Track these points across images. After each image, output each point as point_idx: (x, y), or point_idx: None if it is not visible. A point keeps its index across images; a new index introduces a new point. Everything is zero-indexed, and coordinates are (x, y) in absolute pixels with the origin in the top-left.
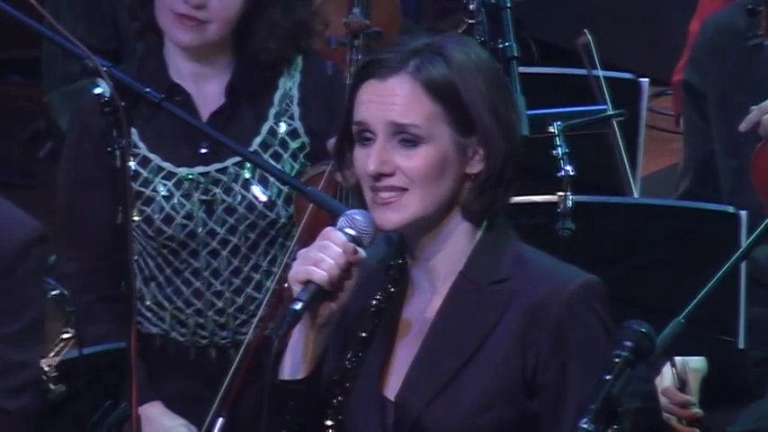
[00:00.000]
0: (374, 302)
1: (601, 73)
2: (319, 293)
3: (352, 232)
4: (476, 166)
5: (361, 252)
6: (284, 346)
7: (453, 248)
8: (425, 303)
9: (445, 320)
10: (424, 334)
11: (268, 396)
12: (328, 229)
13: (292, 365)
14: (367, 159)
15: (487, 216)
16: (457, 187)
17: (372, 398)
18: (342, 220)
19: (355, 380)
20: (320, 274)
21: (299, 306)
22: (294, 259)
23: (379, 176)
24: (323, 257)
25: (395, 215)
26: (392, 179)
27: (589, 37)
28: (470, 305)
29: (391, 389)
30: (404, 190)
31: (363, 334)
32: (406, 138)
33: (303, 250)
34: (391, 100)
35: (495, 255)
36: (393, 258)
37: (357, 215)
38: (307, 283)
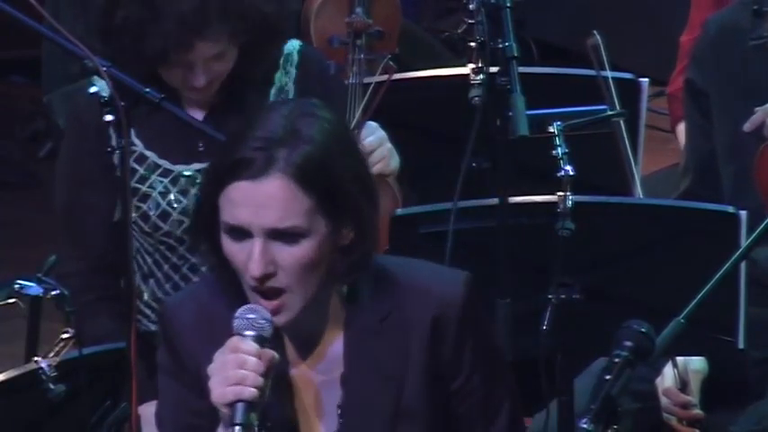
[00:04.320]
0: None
1: (609, 74)
2: (251, 408)
3: (254, 333)
4: (347, 238)
5: (275, 354)
6: None
7: (330, 307)
8: (315, 363)
9: (355, 375)
10: (333, 393)
11: None
12: (234, 339)
13: None
14: (246, 257)
15: (361, 274)
16: (331, 263)
17: None
18: (238, 323)
19: None
20: (250, 392)
21: (240, 430)
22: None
23: (263, 279)
24: (245, 374)
25: (282, 317)
26: (275, 279)
27: (598, 38)
28: (371, 352)
29: None
30: (283, 291)
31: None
32: (287, 238)
33: (216, 366)
34: (268, 203)
35: (369, 295)
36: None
37: (250, 314)
38: (234, 402)
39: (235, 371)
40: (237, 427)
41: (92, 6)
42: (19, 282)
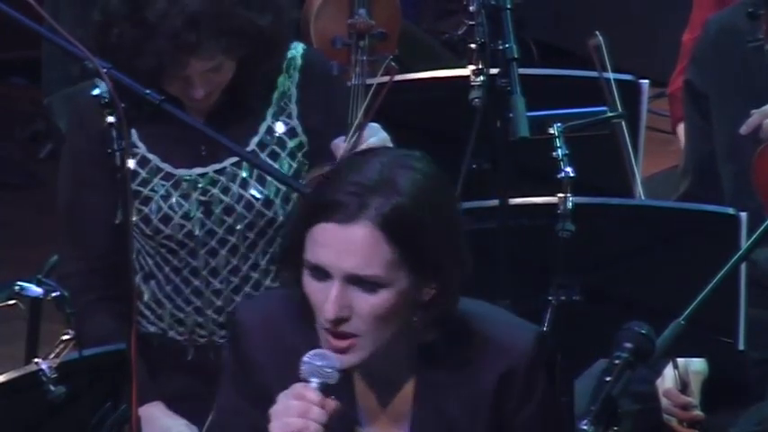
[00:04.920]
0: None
1: (611, 75)
2: None
3: (319, 380)
4: (428, 294)
5: (337, 404)
6: None
7: (401, 354)
8: (380, 411)
9: (422, 421)
10: None
11: None
12: (299, 386)
13: None
14: (324, 297)
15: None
16: (408, 315)
17: None
18: (306, 368)
19: None
20: None
21: None
22: None
23: (336, 321)
24: (307, 424)
25: (352, 357)
26: (348, 324)
27: (600, 39)
28: (441, 406)
29: None
30: (355, 336)
31: None
32: (366, 285)
33: (279, 409)
34: (352, 249)
35: (443, 344)
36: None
37: (317, 360)
38: None
39: (297, 419)
40: None
41: (90, 17)
42: (19, 283)
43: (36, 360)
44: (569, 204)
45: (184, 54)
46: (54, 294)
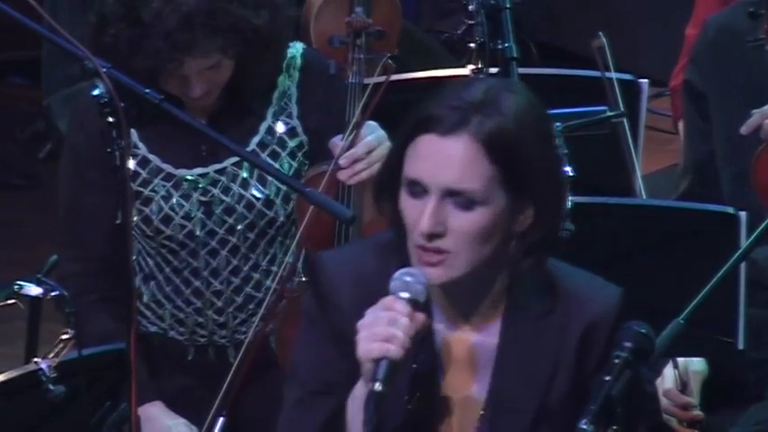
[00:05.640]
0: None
1: (614, 75)
2: (395, 368)
3: (410, 296)
4: (524, 224)
5: (426, 317)
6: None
7: (491, 294)
8: (464, 348)
9: (506, 365)
10: (480, 379)
11: None
12: (390, 298)
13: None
14: (419, 213)
15: (536, 271)
16: (503, 245)
17: None
18: (395, 284)
19: (426, 428)
20: (396, 351)
21: (381, 388)
22: (297, 261)
23: (431, 236)
24: (395, 333)
25: (442, 272)
26: (442, 241)
27: (604, 40)
28: (526, 345)
29: None
30: (449, 253)
31: (414, 371)
32: (462, 201)
33: (367, 321)
34: (450, 162)
35: (530, 287)
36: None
37: (408, 277)
38: (379, 359)
39: (385, 328)
40: (378, 384)
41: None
42: (19, 282)
43: (35, 359)
44: (569, 204)
45: (180, 53)
46: (54, 294)
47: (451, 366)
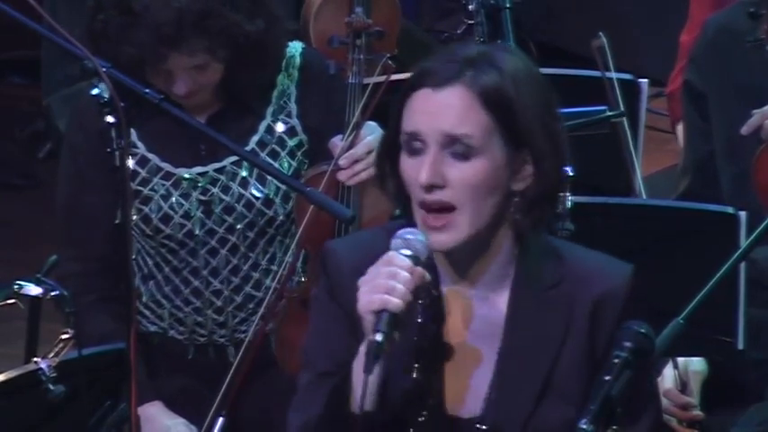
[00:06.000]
0: (417, 316)
1: (614, 75)
2: (395, 322)
3: (411, 253)
4: (523, 182)
5: (427, 275)
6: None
7: (498, 262)
8: (470, 318)
9: (515, 333)
10: (488, 349)
11: (346, 427)
12: (391, 254)
13: (369, 396)
14: (419, 169)
15: (537, 231)
16: (504, 203)
17: (441, 418)
18: (396, 242)
19: (432, 396)
20: (396, 303)
21: (381, 338)
22: (297, 260)
23: (430, 188)
24: (394, 285)
25: (447, 236)
26: (442, 192)
27: (604, 40)
28: (535, 315)
29: (459, 407)
30: (452, 209)
31: (421, 341)
32: (459, 150)
33: (367, 277)
34: (446, 110)
35: (538, 260)
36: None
37: (409, 234)
38: (380, 312)
39: (385, 280)
40: (379, 335)
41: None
42: (18, 282)
43: (35, 359)
44: (568, 204)
45: (166, 47)
46: (53, 294)
47: (459, 335)
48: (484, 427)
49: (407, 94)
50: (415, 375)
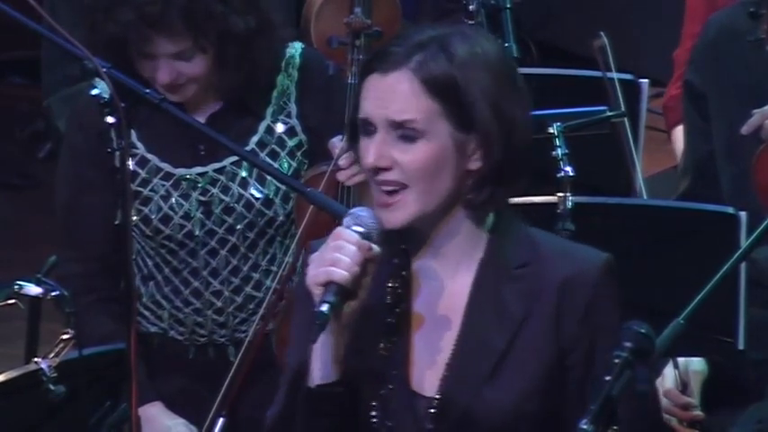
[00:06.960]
0: (386, 296)
1: (615, 75)
2: (342, 293)
3: (361, 229)
4: (476, 163)
5: (375, 248)
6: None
7: (462, 240)
8: (437, 296)
9: (476, 310)
10: (451, 326)
11: (305, 405)
12: (339, 229)
13: (323, 369)
14: (367, 152)
15: (490, 209)
16: (458, 183)
17: (403, 391)
18: (348, 219)
19: (396, 369)
20: (341, 274)
21: (326, 308)
22: (297, 260)
23: (377, 170)
24: (340, 257)
25: (397, 214)
26: (390, 173)
27: (605, 40)
28: (499, 292)
29: (422, 383)
30: (403, 186)
31: (390, 320)
32: (405, 133)
33: (316, 253)
34: (390, 96)
35: (509, 241)
36: (391, 255)
37: (361, 212)
38: (327, 284)
39: (331, 254)
40: (324, 305)
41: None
42: (19, 282)
43: (36, 359)
44: (569, 204)
45: (147, 27)
46: (53, 294)
47: (427, 311)
48: (435, 403)
49: (362, 77)
50: (381, 351)
